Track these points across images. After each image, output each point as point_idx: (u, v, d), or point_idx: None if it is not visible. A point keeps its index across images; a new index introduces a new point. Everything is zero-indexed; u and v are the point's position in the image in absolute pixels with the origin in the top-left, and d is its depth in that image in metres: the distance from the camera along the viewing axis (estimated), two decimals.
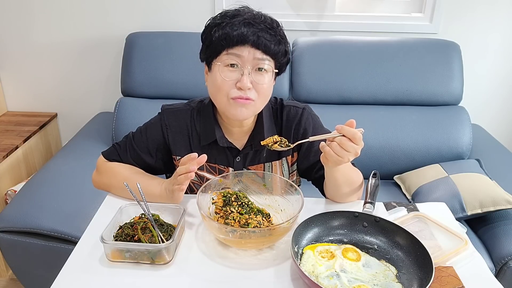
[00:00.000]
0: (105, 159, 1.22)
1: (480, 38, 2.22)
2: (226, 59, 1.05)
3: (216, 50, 1.06)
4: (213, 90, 1.11)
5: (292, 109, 1.21)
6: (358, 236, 1.00)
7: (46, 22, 2.28)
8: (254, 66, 1.05)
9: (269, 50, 1.05)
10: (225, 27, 1.04)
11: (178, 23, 2.23)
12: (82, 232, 1.03)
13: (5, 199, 2.06)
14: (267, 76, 1.08)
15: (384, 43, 2.08)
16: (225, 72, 1.06)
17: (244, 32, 1.03)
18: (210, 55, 1.09)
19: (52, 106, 2.48)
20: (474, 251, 0.98)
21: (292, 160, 1.24)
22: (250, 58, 1.04)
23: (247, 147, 1.19)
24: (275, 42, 1.06)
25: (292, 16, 2.25)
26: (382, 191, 1.21)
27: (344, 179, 1.09)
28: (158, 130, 1.21)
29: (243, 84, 1.04)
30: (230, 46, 1.04)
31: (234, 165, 1.21)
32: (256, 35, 1.03)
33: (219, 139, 1.17)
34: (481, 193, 1.65)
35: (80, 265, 0.93)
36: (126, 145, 1.22)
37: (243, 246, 0.97)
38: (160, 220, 1.02)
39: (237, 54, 1.04)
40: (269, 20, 1.08)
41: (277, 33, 1.07)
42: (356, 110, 2.03)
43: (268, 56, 1.06)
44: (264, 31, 1.04)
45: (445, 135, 1.97)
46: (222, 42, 1.04)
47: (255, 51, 1.04)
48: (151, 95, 2.08)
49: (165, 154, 1.23)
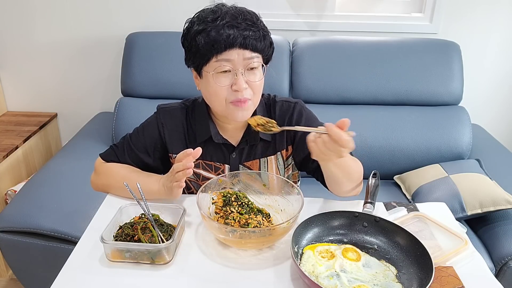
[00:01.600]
0: (102, 161, 1.23)
1: (480, 38, 2.21)
2: (217, 66, 1.05)
3: (205, 57, 1.06)
4: (209, 96, 1.12)
5: (284, 103, 1.22)
6: (358, 236, 1.00)
7: (46, 22, 2.28)
8: (245, 66, 1.06)
9: (257, 48, 1.06)
10: (210, 32, 1.03)
11: (178, 23, 2.20)
12: (82, 232, 1.03)
13: (5, 199, 2.06)
14: (258, 72, 1.09)
15: (384, 43, 2.08)
16: (219, 78, 1.06)
17: (230, 35, 1.02)
18: (199, 63, 1.08)
19: (52, 106, 2.48)
20: (474, 251, 0.98)
21: (287, 154, 1.24)
22: (240, 59, 1.05)
23: (242, 143, 1.20)
24: (260, 38, 1.06)
25: (292, 16, 2.25)
26: (382, 191, 1.21)
27: (341, 173, 1.05)
28: (154, 129, 1.22)
29: (239, 86, 1.05)
30: (219, 52, 1.04)
31: (230, 162, 1.21)
32: (242, 36, 1.03)
33: (214, 136, 1.18)
34: (481, 193, 1.65)
35: (80, 265, 0.93)
36: (123, 146, 1.22)
37: (243, 246, 0.97)
38: (160, 220, 1.02)
39: (227, 59, 1.04)
40: (249, 16, 1.07)
41: (259, 28, 1.07)
42: (356, 110, 2.03)
43: (256, 53, 1.07)
44: (248, 30, 1.04)
45: (445, 135, 1.96)
46: (209, 49, 1.04)
47: (243, 51, 1.05)
48: (151, 95, 2.08)
49: (162, 153, 1.23)
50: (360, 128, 1.96)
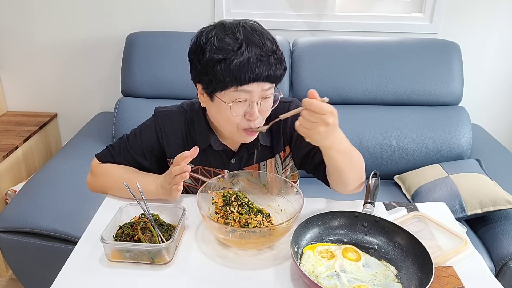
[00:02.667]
0: (98, 161, 1.22)
1: (480, 38, 2.22)
2: (236, 98, 1.00)
3: (223, 85, 1.00)
4: (219, 120, 1.09)
5: (279, 104, 1.19)
6: (358, 236, 1.00)
7: (46, 22, 2.28)
8: (262, 96, 1.03)
9: (277, 79, 1.04)
10: (232, 63, 0.96)
11: (178, 23, 2.23)
12: (82, 232, 1.03)
13: (5, 199, 2.06)
14: (271, 99, 1.07)
15: (384, 43, 2.08)
16: (235, 108, 1.02)
17: (256, 71, 0.97)
18: (213, 89, 1.02)
19: (52, 106, 2.48)
20: (474, 251, 0.98)
21: (285, 155, 1.23)
22: (259, 91, 1.01)
23: (243, 149, 1.19)
24: (280, 68, 1.03)
25: (292, 16, 2.25)
26: (382, 191, 1.21)
27: (343, 159, 1.02)
28: (152, 133, 1.20)
29: (254, 117, 1.03)
30: (241, 84, 0.99)
31: (229, 168, 1.21)
32: (267, 72, 0.99)
33: (214, 143, 1.16)
34: (481, 193, 1.65)
35: (80, 265, 0.93)
36: (120, 147, 1.21)
37: (243, 246, 0.97)
38: (160, 220, 1.02)
39: (248, 90, 1.00)
40: (270, 43, 1.01)
41: (278, 56, 1.02)
42: (356, 110, 2.02)
43: (273, 84, 1.05)
44: (272, 63, 1.00)
45: (445, 135, 1.96)
46: (231, 80, 0.98)
47: (263, 84, 1.01)
48: (151, 95, 2.08)
49: (159, 157, 1.23)
50: (360, 128, 1.96)
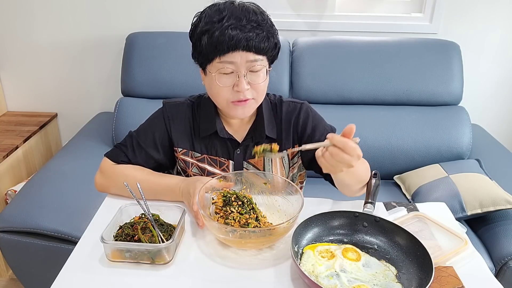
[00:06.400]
0: (112, 162, 1.20)
1: (480, 38, 2.21)
2: (220, 67, 1.06)
3: (208, 57, 1.07)
4: (211, 93, 1.14)
5: (291, 104, 1.23)
6: (358, 236, 1.00)
7: (46, 22, 2.28)
8: (248, 68, 1.06)
9: (260, 50, 1.06)
10: (213, 33, 1.03)
11: (178, 23, 2.23)
12: (82, 232, 1.03)
13: (5, 199, 2.06)
14: (262, 73, 1.09)
15: (384, 43, 2.08)
16: (221, 79, 1.07)
17: (233, 37, 1.02)
18: (203, 62, 1.09)
19: (52, 106, 2.48)
20: (474, 251, 0.98)
21: (293, 153, 1.24)
22: (243, 62, 1.05)
23: (248, 139, 1.20)
24: (264, 40, 1.05)
25: (292, 16, 2.25)
26: (382, 191, 1.21)
27: (351, 178, 1.06)
28: (161, 122, 1.22)
29: (240, 88, 1.06)
30: (222, 53, 1.04)
31: (234, 158, 1.21)
32: (245, 39, 1.02)
33: (220, 131, 1.19)
34: (481, 193, 1.65)
35: (80, 265, 0.93)
36: (132, 144, 1.20)
37: (243, 246, 0.97)
38: (160, 220, 1.02)
39: (230, 61, 1.05)
40: (255, 17, 1.05)
41: (264, 29, 1.06)
42: (356, 110, 2.03)
43: (260, 56, 1.07)
44: (252, 31, 1.03)
45: (445, 135, 1.97)
46: (213, 50, 1.04)
47: (247, 54, 1.04)
48: (151, 95, 2.08)
49: (168, 147, 1.23)
50: (360, 128, 1.92)
